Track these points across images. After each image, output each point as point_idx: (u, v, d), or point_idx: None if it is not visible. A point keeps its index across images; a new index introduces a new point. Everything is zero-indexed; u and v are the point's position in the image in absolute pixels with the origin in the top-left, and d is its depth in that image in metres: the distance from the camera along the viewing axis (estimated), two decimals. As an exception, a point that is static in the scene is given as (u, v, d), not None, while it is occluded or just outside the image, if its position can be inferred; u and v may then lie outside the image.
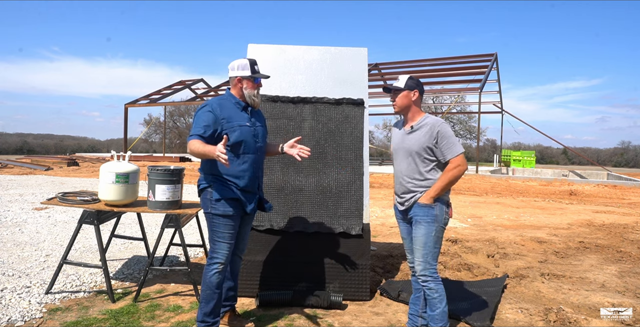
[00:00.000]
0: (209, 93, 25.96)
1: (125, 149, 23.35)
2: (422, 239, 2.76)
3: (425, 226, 2.76)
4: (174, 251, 4.98)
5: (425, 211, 2.76)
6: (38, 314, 3.27)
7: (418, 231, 2.78)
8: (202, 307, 2.87)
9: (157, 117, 45.74)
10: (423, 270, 2.78)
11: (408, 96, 2.85)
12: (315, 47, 3.96)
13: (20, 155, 26.46)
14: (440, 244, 2.82)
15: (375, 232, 6.46)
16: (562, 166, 37.88)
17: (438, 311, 2.76)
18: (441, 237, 2.81)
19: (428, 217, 2.75)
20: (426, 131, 2.78)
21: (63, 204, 3.69)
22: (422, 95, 2.90)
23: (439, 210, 2.76)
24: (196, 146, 2.66)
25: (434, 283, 2.77)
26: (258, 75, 2.90)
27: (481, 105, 20.50)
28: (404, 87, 2.85)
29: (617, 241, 6.20)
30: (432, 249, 2.76)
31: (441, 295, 2.77)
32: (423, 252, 2.76)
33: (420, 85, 2.89)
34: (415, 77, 2.90)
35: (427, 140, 2.77)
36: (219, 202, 2.83)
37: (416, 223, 2.80)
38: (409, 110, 2.88)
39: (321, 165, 3.81)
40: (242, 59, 2.92)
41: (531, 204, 10.22)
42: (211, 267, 2.87)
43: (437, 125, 2.77)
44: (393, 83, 2.90)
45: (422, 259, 2.77)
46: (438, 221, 2.76)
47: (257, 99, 2.93)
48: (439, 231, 2.77)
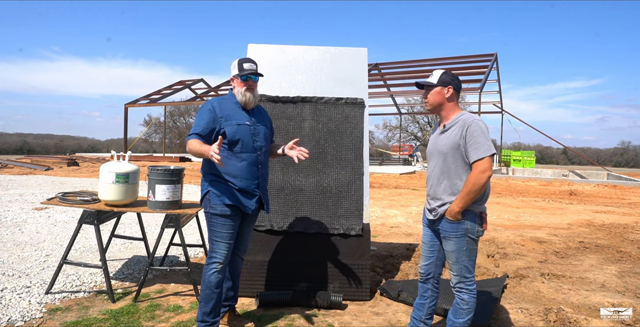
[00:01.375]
0: (209, 93, 25.97)
1: (125, 149, 23.35)
2: (455, 254, 2.59)
3: (456, 241, 2.57)
4: (174, 251, 4.98)
5: (454, 227, 2.56)
6: (38, 314, 3.27)
7: (448, 246, 2.62)
8: (202, 306, 2.87)
9: (157, 117, 45.83)
10: (458, 283, 2.64)
11: (441, 93, 2.65)
12: (315, 47, 3.96)
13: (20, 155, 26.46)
14: (475, 255, 2.63)
15: (375, 232, 6.46)
16: (562, 166, 37.89)
17: (461, 322, 2.63)
18: (475, 249, 2.61)
19: (458, 232, 2.56)
20: (457, 129, 2.56)
21: (63, 204, 3.69)
22: (458, 91, 2.68)
23: (469, 224, 2.54)
24: (193, 145, 2.69)
25: (468, 296, 2.62)
26: (245, 72, 2.88)
27: (481, 105, 20.53)
28: (436, 83, 2.64)
29: (617, 241, 6.20)
30: (467, 263, 2.59)
31: (471, 308, 2.62)
32: (457, 267, 2.61)
33: (456, 79, 2.67)
34: (451, 72, 2.68)
35: (457, 140, 2.53)
36: (217, 202, 2.84)
37: (445, 239, 2.62)
38: (442, 108, 2.67)
39: (321, 165, 3.81)
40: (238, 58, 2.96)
41: (531, 204, 10.22)
42: (210, 267, 2.87)
43: (468, 122, 2.53)
44: (426, 79, 2.69)
45: (456, 272, 2.62)
46: (469, 234, 2.56)
47: (244, 98, 2.89)
48: (470, 244, 2.58)
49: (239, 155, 2.85)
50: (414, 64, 24.56)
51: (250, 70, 2.89)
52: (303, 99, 3.85)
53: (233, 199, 2.86)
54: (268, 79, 3.84)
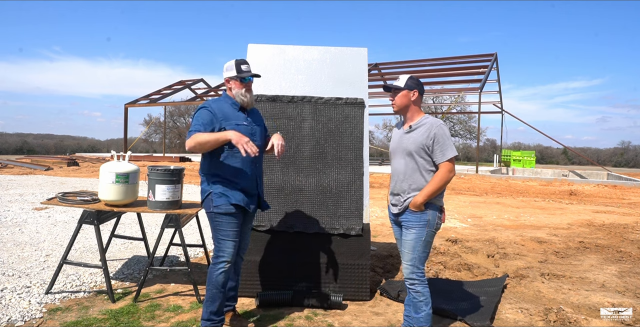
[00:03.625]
0: (209, 93, 25.97)
1: (125, 149, 23.35)
2: (412, 243, 2.76)
3: (417, 230, 2.76)
4: (174, 251, 4.98)
5: (417, 217, 2.76)
6: (38, 314, 3.27)
7: (408, 235, 2.78)
8: (208, 306, 2.89)
9: (157, 117, 45.81)
10: (411, 273, 2.78)
11: (407, 96, 2.84)
12: (315, 47, 3.96)
13: (20, 155, 26.45)
14: (430, 248, 2.82)
15: (375, 232, 6.46)
16: (562, 166, 37.88)
17: (423, 314, 2.77)
18: (431, 241, 2.81)
19: (420, 222, 2.75)
20: (424, 131, 2.76)
21: (63, 204, 3.69)
22: (422, 95, 2.88)
23: (431, 215, 2.75)
24: (202, 136, 2.70)
25: (421, 286, 2.78)
26: (243, 74, 2.89)
27: (481, 105, 20.51)
28: (403, 87, 2.83)
29: (617, 241, 6.20)
30: (421, 254, 2.77)
31: (427, 298, 2.78)
32: (411, 256, 2.77)
33: (421, 85, 2.88)
34: (416, 77, 2.89)
35: (423, 140, 2.75)
36: (221, 201, 2.85)
37: (407, 228, 2.80)
38: (408, 110, 2.86)
39: (321, 165, 3.81)
40: (232, 60, 2.95)
41: (531, 204, 10.22)
42: (217, 266, 2.87)
43: (435, 126, 2.75)
44: (393, 82, 2.88)
45: (410, 263, 2.78)
46: (430, 226, 2.75)
47: (246, 99, 2.92)
48: (429, 235, 2.77)
49: (238, 154, 2.85)
50: (414, 64, 24.56)
51: (250, 72, 2.92)
52: (303, 98, 3.85)
53: (237, 198, 2.88)
54: (268, 79, 3.84)
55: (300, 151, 3.81)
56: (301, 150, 3.81)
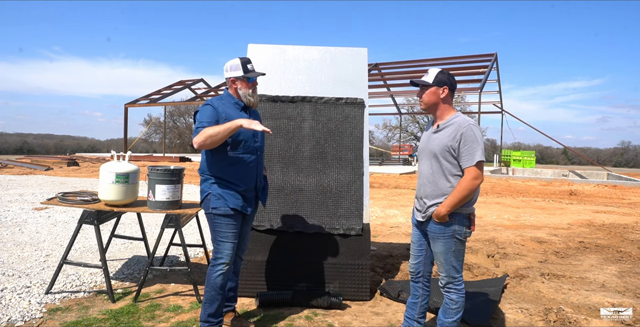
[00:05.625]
0: (209, 93, 25.98)
1: (125, 149, 23.35)
2: (443, 255, 2.60)
3: (444, 242, 2.58)
4: (174, 251, 4.98)
5: (441, 229, 2.57)
6: (38, 314, 3.27)
7: (436, 248, 2.63)
8: (207, 308, 2.87)
9: (157, 117, 45.82)
10: (448, 284, 2.65)
11: (436, 93, 2.61)
12: (315, 47, 3.96)
13: (20, 155, 26.45)
14: (463, 256, 2.65)
15: (375, 232, 6.46)
16: (562, 166, 37.86)
17: (450, 321, 2.65)
18: (462, 249, 2.62)
19: (446, 233, 2.57)
20: (451, 131, 2.54)
21: (63, 204, 3.69)
22: (453, 92, 2.64)
23: (457, 226, 2.56)
24: (212, 129, 2.62)
25: (457, 295, 2.64)
26: (250, 74, 2.86)
27: (481, 105, 20.53)
28: (432, 83, 2.60)
29: (617, 241, 6.20)
30: (455, 263, 2.60)
31: (459, 307, 2.64)
32: (445, 267, 2.62)
33: (452, 80, 2.63)
34: (447, 71, 2.65)
35: (449, 142, 2.52)
36: (220, 202, 2.84)
37: (433, 239, 2.63)
38: (437, 108, 2.64)
39: (321, 165, 3.81)
40: (235, 59, 2.89)
41: (531, 204, 10.22)
42: (216, 268, 2.86)
43: (463, 126, 2.51)
44: (422, 78, 2.65)
45: (445, 274, 2.63)
46: (457, 236, 2.57)
47: (252, 99, 2.90)
48: (458, 245, 2.59)
49: (239, 156, 2.85)
50: (414, 64, 24.58)
51: (257, 73, 2.89)
52: (303, 98, 3.85)
53: (234, 202, 2.85)
54: (268, 79, 3.84)
55: (300, 151, 3.81)
56: (301, 150, 3.81)
